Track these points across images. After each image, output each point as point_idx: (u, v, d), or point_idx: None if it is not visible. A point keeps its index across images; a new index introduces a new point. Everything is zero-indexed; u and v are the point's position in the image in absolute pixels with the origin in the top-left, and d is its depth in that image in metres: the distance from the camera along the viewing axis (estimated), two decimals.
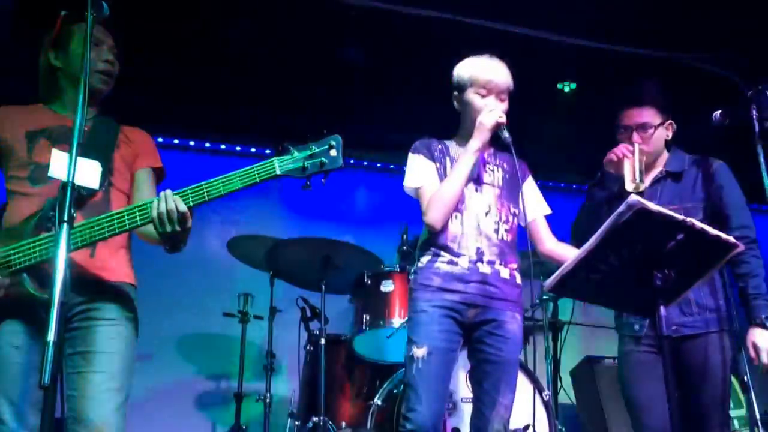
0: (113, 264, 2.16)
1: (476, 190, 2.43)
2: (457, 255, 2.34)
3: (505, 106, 2.45)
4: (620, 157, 2.62)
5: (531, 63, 4.25)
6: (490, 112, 2.37)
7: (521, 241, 2.51)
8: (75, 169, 1.58)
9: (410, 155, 2.49)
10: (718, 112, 2.52)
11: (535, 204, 2.57)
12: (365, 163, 5.38)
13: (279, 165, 2.03)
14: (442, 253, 2.36)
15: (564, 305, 3.79)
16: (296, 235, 3.70)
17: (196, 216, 2.03)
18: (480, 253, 2.35)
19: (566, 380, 4.08)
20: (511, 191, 2.50)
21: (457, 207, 2.39)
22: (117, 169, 2.22)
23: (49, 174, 1.97)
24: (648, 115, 2.70)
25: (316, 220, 4.86)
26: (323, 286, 3.57)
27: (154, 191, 2.28)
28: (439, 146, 2.51)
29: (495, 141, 2.47)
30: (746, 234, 2.53)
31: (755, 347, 2.43)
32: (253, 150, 5.23)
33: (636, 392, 2.57)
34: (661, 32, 4.08)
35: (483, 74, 2.43)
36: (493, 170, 2.51)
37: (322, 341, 3.43)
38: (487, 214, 2.41)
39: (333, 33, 4.15)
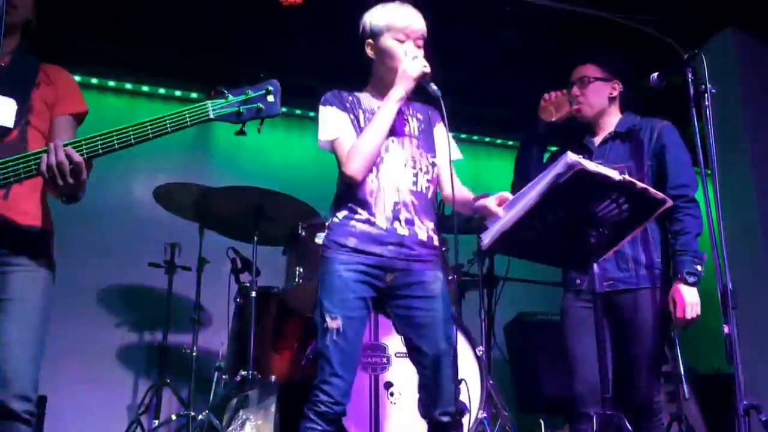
0: (28, 207, 2.03)
1: (393, 142, 2.33)
2: (374, 213, 2.25)
3: (422, 52, 2.35)
4: (551, 99, 2.79)
5: (476, 18, 4.22)
6: (414, 59, 2.28)
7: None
8: None
9: (321, 108, 2.34)
10: (655, 75, 2.56)
11: (443, 149, 2.44)
12: (298, 111, 5.23)
13: (213, 109, 1.93)
14: (359, 209, 2.26)
15: (500, 260, 3.82)
16: (227, 183, 3.57)
17: (123, 161, 1.91)
18: (397, 211, 2.26)
19: (500, 336, 4.14)
20: (427, 140, 2.42)
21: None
22: (35, 108, 2.09)
23: None
24: (588, 70, 2.81)
25: (249, 169, 4.69)
26: (255, 237, 3.48)
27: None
28: (350, 98, 2.39)
29: (416, 92, 2.35)
30: (684, 192, 2.58)
31: (675, 302, 2.51)
32: (178, 93, 5.00)
33: (573, 344, 2.64)
34: None
35: (401, 19, 2.33)
36: (408, 120, 2.41)
37: (253, 294, 3.36)
38: (405, 166, 2.32)
39: None
